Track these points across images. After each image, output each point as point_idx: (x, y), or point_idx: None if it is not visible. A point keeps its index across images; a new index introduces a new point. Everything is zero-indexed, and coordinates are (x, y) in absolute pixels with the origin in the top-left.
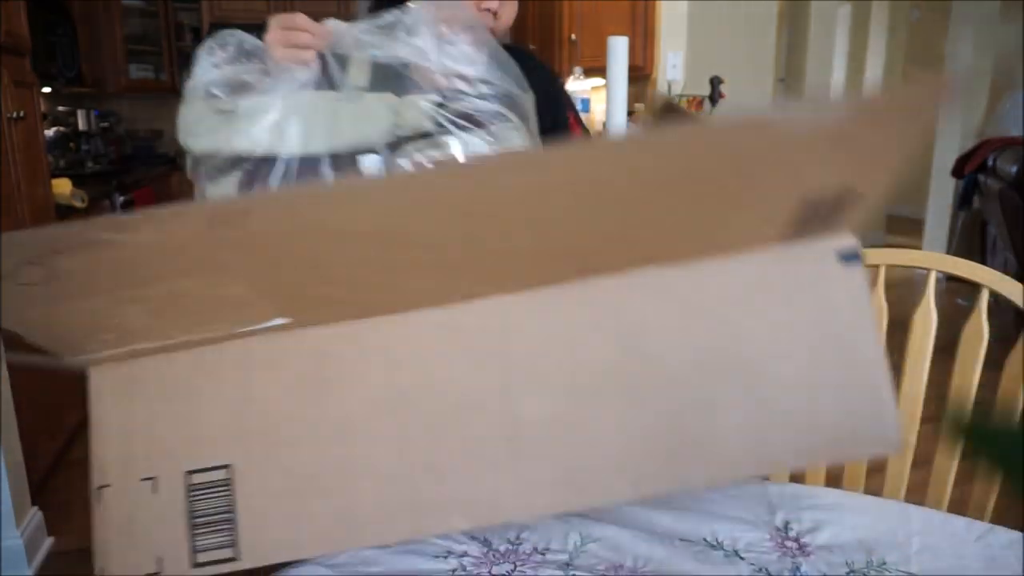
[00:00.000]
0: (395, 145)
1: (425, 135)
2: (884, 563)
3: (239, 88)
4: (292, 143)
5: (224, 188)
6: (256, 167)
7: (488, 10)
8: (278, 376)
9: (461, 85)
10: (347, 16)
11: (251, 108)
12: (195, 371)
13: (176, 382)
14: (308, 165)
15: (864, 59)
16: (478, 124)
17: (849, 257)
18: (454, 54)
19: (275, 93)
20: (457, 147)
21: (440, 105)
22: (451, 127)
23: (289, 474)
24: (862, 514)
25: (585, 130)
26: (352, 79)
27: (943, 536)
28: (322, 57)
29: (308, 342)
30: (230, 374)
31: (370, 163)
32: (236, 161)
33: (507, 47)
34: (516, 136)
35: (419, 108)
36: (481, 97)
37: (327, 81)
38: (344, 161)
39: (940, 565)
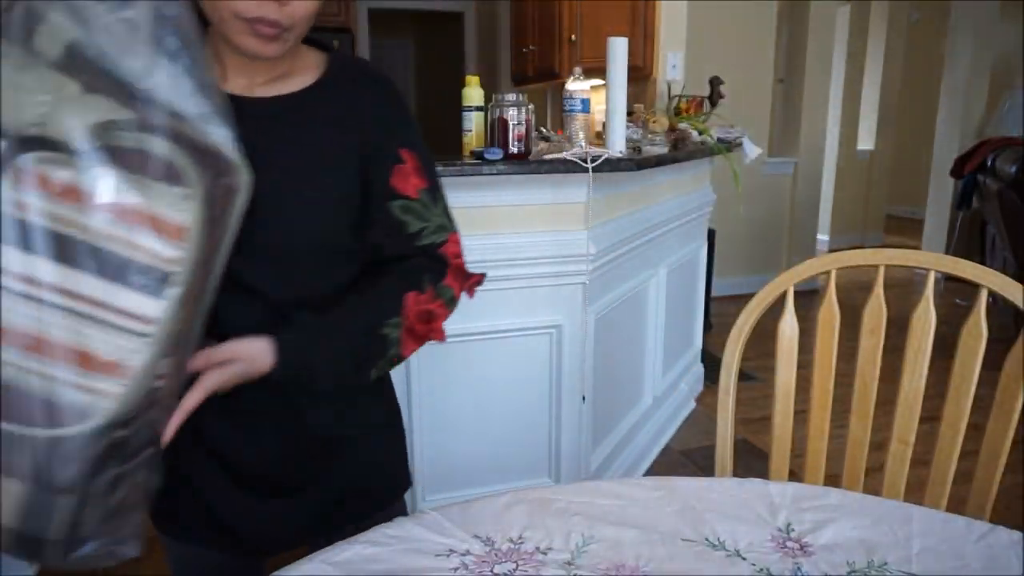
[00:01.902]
0: (23, 143)
1: (66, 150)
2: (885, 563)
3: None
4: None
5: None
6: None
7: None
8: None
9: (154, 113)
10: (347, 16)
11: None
12: None
13: None
14: None
15: (864, 59)
16: (137, 169)
17: None
18: (164, 75)
19: None
20: (94, 183)
21: (111, 126)
22: (105, 157)
23: None
24: (863, 514)
25: (422, 173)
26: (38, 44)
27: (944, 536)
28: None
29: None
30: None
31: None
32: None
33: (336, 63)
34: (180, 209)
35: (86, 116)
36: (170, 135)
37: None
38: None
39: (941, 565)
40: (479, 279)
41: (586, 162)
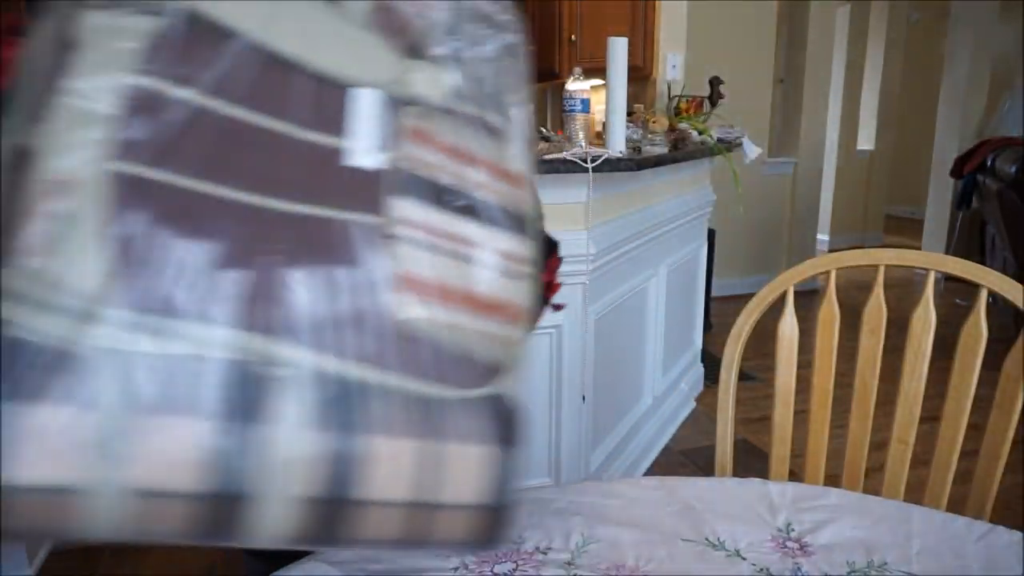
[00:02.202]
0: (398, 101)
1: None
2: (885, 563)
3: None
4: (254, 16)
5: (117, 45)
6: (186, 28)
7: None
8: None
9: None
10: None
11: None
12: None
13: None
14: (270, 64)
15: (864, 60)
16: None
17: None
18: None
19: None
20: (466, 139)
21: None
22: (471, 112)
23: None
24: (863, 514)
25: None
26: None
27: (943, 537)
28: None
29: None
30: None
31: (367, 99)
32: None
33: None
34: (514, 160)
35: (434, 78)
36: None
37: None
38: (326, 84)
39: (940, 565)
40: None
41: (586, 162)
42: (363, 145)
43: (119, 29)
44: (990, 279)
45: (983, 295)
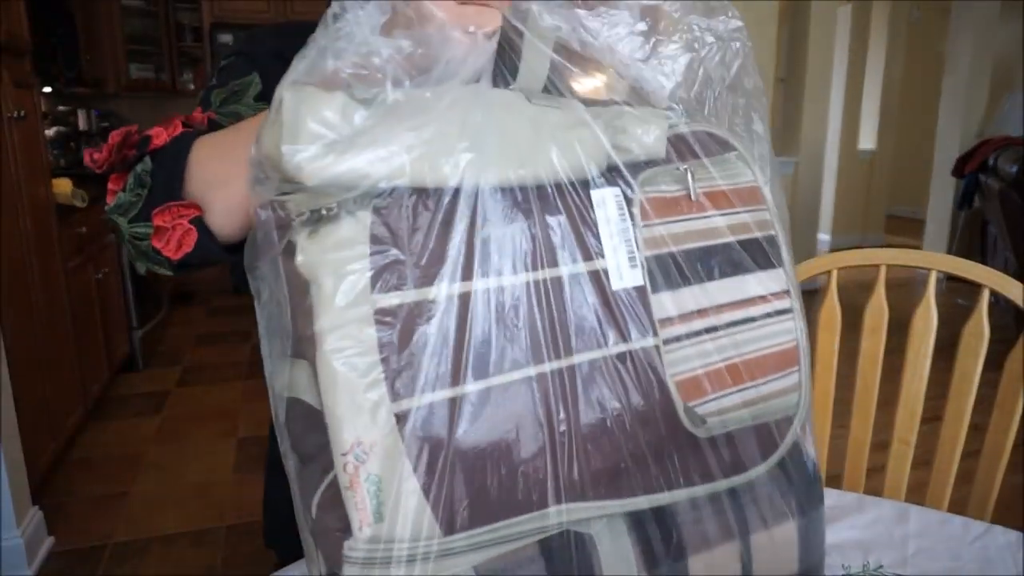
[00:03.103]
0: (611, 173)
1: (651, 163)
2: (881, 566)
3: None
4: (473, 166)
5: (346, 253)
6: (397, 202)
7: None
8: None
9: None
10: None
11: (415, 102)
12: None
13: None
14: (501, 202)
15: (864, 59)
16: (695, 153)
17: None
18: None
19: (440, 85)
20: (683, 183)
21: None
22: (698, 152)
23: None
24: (859, 514)
25: None
26: (530, 70)
27: (940, 537)
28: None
29: None
30: None
31: (609, 199)
32: (364, 194)
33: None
34: (739, 172)
35: (654, 123)
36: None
37: (499, 71)
38: (556, 197)
39: (936, 566)
40: None
41: None
42: (620, 263)
43: (345, 240)
44: (991, 279)
45: (985, 295)
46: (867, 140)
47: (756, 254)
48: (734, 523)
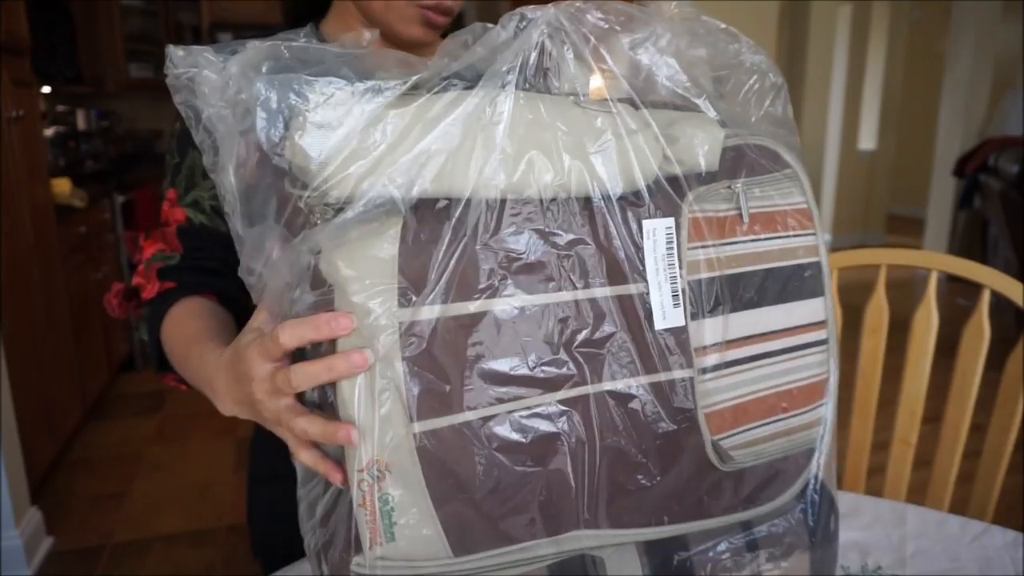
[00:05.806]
0: (657, 188)
1: (702, 176)
2: (879, 567)
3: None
4: (500, 175)
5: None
6: (424, 218)
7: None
8: None
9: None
10: None
11: (445, 103)
12: None
13: None
14: (534, 215)
15: (865, 59)
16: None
17: None
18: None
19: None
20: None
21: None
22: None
23: None
24: (858, 516)
25: None
26: (569, 75)
27: (938, 538)
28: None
29: None
30: None
31: (660, 231)
32: (389, 210)
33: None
34: (789, 191)
35: (709, 132)
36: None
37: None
38: (595, 212)
39: (935, 567)
40: None
41: None
42: (664, 302)
43: (373, 255)
44: (992, 279)
45: (986, 295)
46: (867, 140)
47: (800, 282)
48: (747, 553)
